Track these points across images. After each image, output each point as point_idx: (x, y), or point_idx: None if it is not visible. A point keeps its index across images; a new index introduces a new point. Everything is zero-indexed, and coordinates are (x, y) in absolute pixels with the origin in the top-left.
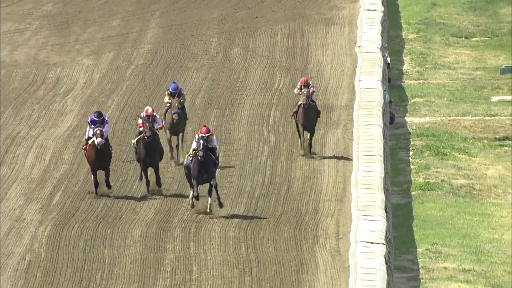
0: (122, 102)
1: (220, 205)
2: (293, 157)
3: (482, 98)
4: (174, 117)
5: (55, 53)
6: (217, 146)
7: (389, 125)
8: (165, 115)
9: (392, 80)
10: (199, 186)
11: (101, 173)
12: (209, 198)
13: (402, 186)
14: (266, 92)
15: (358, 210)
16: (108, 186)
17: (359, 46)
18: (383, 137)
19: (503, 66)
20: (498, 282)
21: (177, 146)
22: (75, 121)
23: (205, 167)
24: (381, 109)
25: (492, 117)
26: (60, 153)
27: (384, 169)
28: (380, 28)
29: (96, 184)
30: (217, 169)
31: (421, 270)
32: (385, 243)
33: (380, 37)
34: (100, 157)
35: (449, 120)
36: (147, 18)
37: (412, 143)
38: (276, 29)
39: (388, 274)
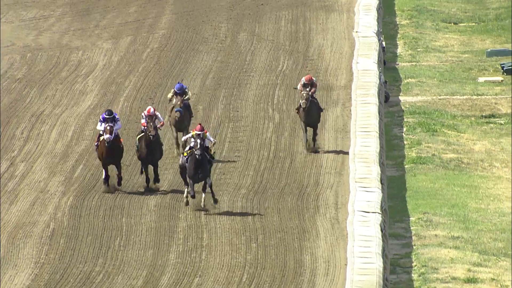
0: (139, 83)
1: (215, 201)
2: (295, 133)
3: (470, 79)
4: (176, 115)
5: (77, 38)
6: (212, 140)
7: (384, 104)
8: (170, 112)
9: (387, 62)
10: (194, 185)
11: (112, 169)
12: (203, 194)
13: (396, 160)
14: (270, 73)
15: (356, 182)
16: (119, 182)
17: (356, 31)
18: (379, 115)
19: (489, 50)
20: (484, 248)
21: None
22: (95, 100)
23: (201, 166)
24: (377, 89)
25: (479, 96)
26: (81, 130)
27: (380, 144)
28: (376, 14)
29: (107, 178)
30: (212, 167)
31: (413, 237)
32: (380, 213)
33: (376, 23)
34: (110, 153)
35: (439, 99)
36: (162, 5)
37: (405, 120)
38: (280, 15)
39: (383, 241)
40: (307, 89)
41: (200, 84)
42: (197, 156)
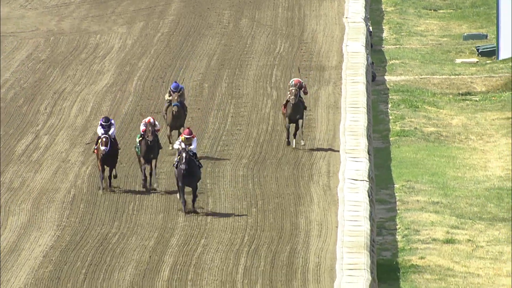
0: (150, 64)
1: (193, 203)
2: None
3: (448, 60)
4: (173, 109)
5: (95, 23)
6: (195, 148)
7: (371, 83)
8: (165, 111)
9: (374, 45)
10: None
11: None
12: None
13: (382, 133)
14: (269, 55)
15: (346, 153)
16: (115, 177)
17: (346, 17)
18: (367, 92)
19: (465, 34)
20: (461, 212)
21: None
22: (112, 79)
23: (189, 175)
24: (365, 69)
25: (456, 76)
26: (99, 106)
27: (367, 119)
28: (364, 2)
29: (103, 178)
30: (201, 171)
31: (397, 203)
32: (368, 180)
33: (364, 10)
34: (107, 159)
35: (420, 78)
36: None
37: (390, 97)
38: (277, 3)
39: (370, 206)
40: (295, 87)
41: (205, 65)
42: (182, 171)
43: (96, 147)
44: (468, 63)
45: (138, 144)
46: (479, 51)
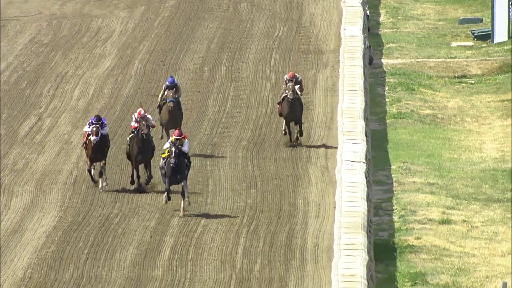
0: (151, 47)
1: (188, 203)
2: None
3: (444, 43)
4: (169, 105)
5: (97, 7)
6: (187, 150)
7: (368, 66)
8: (160, 109)
9: (371, 29)
10: (171, 187)
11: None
12: (182, 201)
13: (379, 115)
14: (268, 39)
15: (343, 135)
16: (101, 173)
17: (344, 1)
18: (364, 75)
19: (461, 18)
20: (457, 193)
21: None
22: (113, 63)
23: (177, 170)
24: (362, 53)
25: (452, 59)
26: (100, 89)
27: (364, 102)
28: None
29: (90, 171)
30: (189, 170)
31: (394, 184)
32: (365, 162)
33: None
34: (97, 151)
35: (417, 62)
36: None
37: (387, 80)
38: None
39: (367, 187)
40: (292, 82)
41: (205, 48)
42: (171, 165)
43: (85, 142)
44: (464, 47)
45: (129, 142)
46: (475, 34)
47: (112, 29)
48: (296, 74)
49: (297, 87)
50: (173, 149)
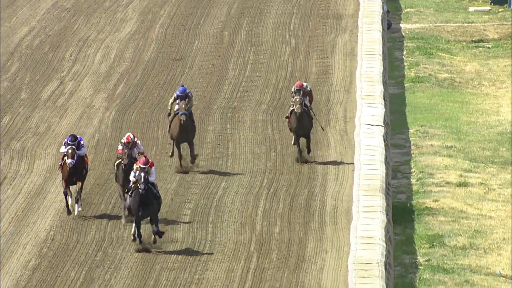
0: (172, 12)
1: (160, 235)
2: (309, 56)
3: (461, 8)
4: (181, 118)
5: None
6: (154, 180)
7: (386, 30)
8: (170, 122)
9: None
10: (140, 223)
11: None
12: (153, 235)
13: (397, 79)
14: (287, 3)
15: (362, 99)
16: (77, 200)
17: None
18: (382, 40)
19: None
20: (474, 156)
21: (180, 156)
22: (134, 27)
23: (145, 202)
24: (381, 17)
25: (470, 24)
26: (122, 53)
27: (383, 66)
28: None
29: (66, 193)
30: (160, 205)
31: (412, 147)
32: (383, 125)
33: None
34: (73, 174)
35: (435, 26)
36: None
37: (405, 44)
38: None
39: (386, 150)
40: (299, 95)
41: (226, 13)
42: (140, 191)
43: (61, 163)
44: (481, 11)
45: (116, 169)
46: None
47: None
48: (304, 84)
49: (306, 98)
50: (142, 174)
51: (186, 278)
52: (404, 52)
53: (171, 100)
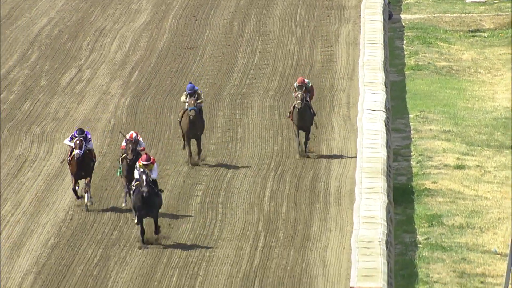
0: (184, 3)
1: (156, 231)
2: (314, 45)
3: (459, 0)
4: (190, 113)
5: None
6: (156, 176)
7: (388, 21)
8: (181, 117)
9: None
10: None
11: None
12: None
13: (398, 67)
14: None
15: (364, 85)
16: (86, 191)
17: None
18: (383, 30)
19: None
20: (471, 140)
21: (190, 153)
22: (148, 18)
23: (148, 202)
24: (382, 8)
25: (467, 14)
26: (136, 42)
27: (384, 54)
28: None
29: (74, 190)
30: (161, 202)
31: (412, 131)
32: (384, 111)
33: None
34: (81, 168)
35: (433, 17)
36: None
37: (405, 34)
38: None
39: (387, 134)
40: (301, 91)
41: (235, 4)
42: (144, 194)
43: (69, 158)
44: (478, 2)
45: (120, 163)
46: None
47: None
48: (305, 80)
49: (308, 94)
50: (144, 177)
51: (198, 256)
52: (404, 41)
53: (182, 98)
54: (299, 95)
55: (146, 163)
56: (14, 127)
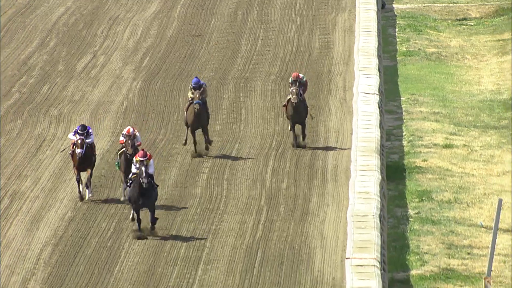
0: None
1: (152, 227)
2: (313, 32)
3: None
4: (195, 106)
5: None
6: (153, 172)
7: (381, 10)
8: (187, 110)
9: None
10: (140, 212)
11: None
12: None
13: (390, 53)
14: None
15: (359, 70)
16: (87, 185)
17: None
18: (377, 18)
19: None
20: (458, 121)
21: (195, 141)
22: (158, 7)
23: (145, 193)
24: None
25: (454, 4)
26: (148, 30)
27: (378, 41)
28: None
29: (78, 180)
30: (157, 195)
31: (403, 113)
32: (378, 94)
33: None
34: (83, 162)
35: (423, 6)
36: None
37: (397, 22)
38: None
39: (380, 115)
40: (295, 85)
41: None
42: (144, 185)
43: (71, 152)
44: None
45: (118, 158)
46: None
47: None
48: (300, 75)
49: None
50: (143, 168)
51: (204, 229)
52: (397, 29)
53: (189, 94)
54: (294, 90)
55: (142, 159)
56: (33, 109)
